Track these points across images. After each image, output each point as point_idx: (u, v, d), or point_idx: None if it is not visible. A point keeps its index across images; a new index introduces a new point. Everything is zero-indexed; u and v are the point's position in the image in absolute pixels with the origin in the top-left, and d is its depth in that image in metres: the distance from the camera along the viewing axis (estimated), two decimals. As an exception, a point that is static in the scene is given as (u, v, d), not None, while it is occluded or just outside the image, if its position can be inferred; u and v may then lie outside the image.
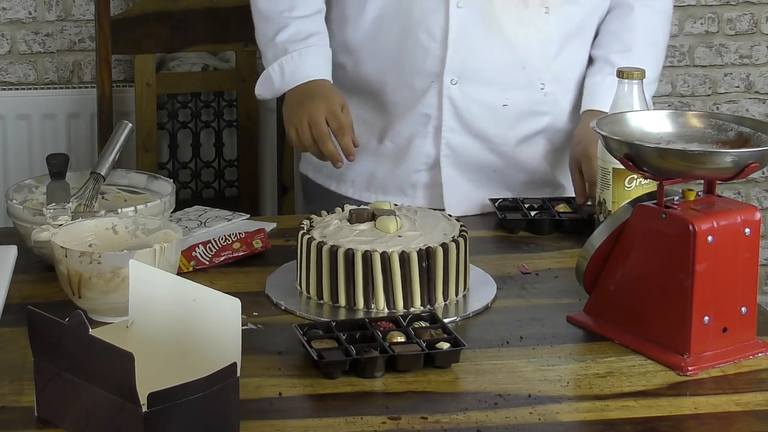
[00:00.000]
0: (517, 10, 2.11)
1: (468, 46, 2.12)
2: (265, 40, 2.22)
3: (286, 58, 2.17)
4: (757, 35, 3.26)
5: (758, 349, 1.59)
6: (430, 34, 2.13)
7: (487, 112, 2.16)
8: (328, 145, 2.08)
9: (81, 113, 2.97)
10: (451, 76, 2.13)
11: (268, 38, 2.21)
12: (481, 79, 2.14)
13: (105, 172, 1.96)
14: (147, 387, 1.28)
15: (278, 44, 2.19)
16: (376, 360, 1.51)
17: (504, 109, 2.16)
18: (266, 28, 2.22)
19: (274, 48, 2.20)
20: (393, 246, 1.70)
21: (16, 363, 1.54)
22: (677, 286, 1.55)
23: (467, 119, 2.16)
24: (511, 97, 2.16)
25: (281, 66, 2.18)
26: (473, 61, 2.13)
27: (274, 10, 2.21)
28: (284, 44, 2.19)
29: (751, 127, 1.65)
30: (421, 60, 2.14)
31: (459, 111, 2.15)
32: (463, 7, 2.10)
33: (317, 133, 2.08)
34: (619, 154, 1.61)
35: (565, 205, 2.07)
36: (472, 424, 1.41)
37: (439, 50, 2.13)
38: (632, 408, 1.46)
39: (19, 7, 2.98)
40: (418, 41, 2.14)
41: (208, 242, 1.86)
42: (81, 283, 1.64)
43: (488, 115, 2.16)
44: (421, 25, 2.13)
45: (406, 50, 2.15)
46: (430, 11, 2.12)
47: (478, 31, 2.11)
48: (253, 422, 1.40)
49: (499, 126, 2.17)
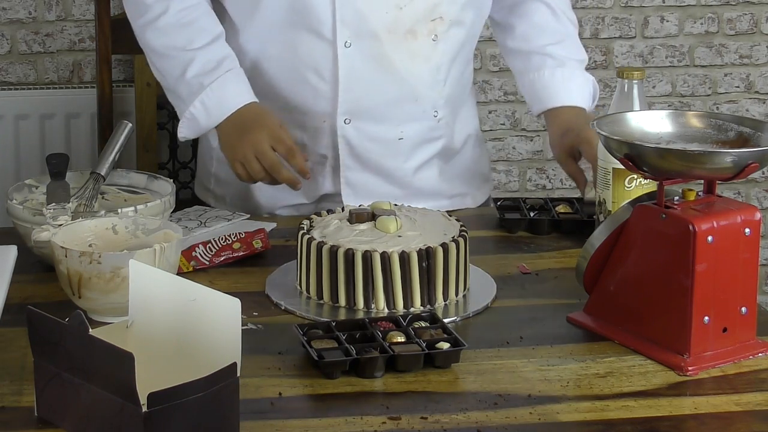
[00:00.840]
0: (407, 43, 2.06)
1: (360, 85, 2.07)
2: (172, 80, 2.08)
3: (206, 93, 2.04)
4: (757, 35, 3.26)
5: (758, 349, 1.59)
6: (320, 75, 2.07)
7: (383, 147, 2.13)
8: (283, 173, 2.00)
9: (81, 113, 2.97)
10: (344, 116, 2.09)
11: (176, 77, 2.07)
12: (375, 116, 2.10)
13: (105, 172, 1.96)
14: (147, 387, 1.28)
15: (190, 81, 2.05)
16: (376, 360, 1.51)
17: (400, 142, 2.13)
18: (170, 66, 2.08)
19: (187, 85, 2.06)
20: (393, 246, 1.70)
21: (16, 363, 1.54)
22: (677, 286, 1.55)
23: (364, 156, 2.13)
24: (406, 130, 2.13)
25: (203, 103, 2.05)
26: (366, 100, 2.08)
27: (174, 47, 2.07)
28: (197, 79, 2.05)
29: (751, 127, 1.65)
30: (312, 101, 2.09)
31: (355, 149, 2.12)
32: (351, 46, 2.04)
33: (268, 163, 1.99)
34: (619, 154, 1.61)
35: (565, 206, 2.07)
36: (472, 424, 1.41)
37: (330, 91, 2.08)
38: (632, 408, 1.46)
39: (19, 7, 2.98)
40: (307, 83, 2.08)
41: (208, 242, 1.86)
42: (81, 283, 1.64)
43: (385, 150, 2.13)
44: (308, 66, 2.07)
45: (295, 92, 2.10)
46: (317, 52, 2.06)
47: (368, 70, 2.06)
48: (253, 422, 1.40)
49: (396, 159, 2.15)
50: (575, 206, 2.07)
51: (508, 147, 3.23)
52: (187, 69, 2.05)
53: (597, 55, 3.20)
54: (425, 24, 2.06)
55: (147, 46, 2.10)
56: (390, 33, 2.05)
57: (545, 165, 3.25)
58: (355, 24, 2.03)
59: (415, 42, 2.07)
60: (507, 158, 3.23)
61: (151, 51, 2.10)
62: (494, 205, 2.10)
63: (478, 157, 2.29)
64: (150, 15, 2.08)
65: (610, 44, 3.21)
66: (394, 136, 2.13)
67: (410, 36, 2.06)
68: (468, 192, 2.25)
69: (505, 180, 3.24)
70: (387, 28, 2.04)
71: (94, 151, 2.89)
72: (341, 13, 2.02)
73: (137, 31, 2.11)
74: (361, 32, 2.03)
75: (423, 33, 2.07)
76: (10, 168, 2.95)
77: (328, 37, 2.04)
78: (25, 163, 2.95)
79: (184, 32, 2.07)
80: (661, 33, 3.22)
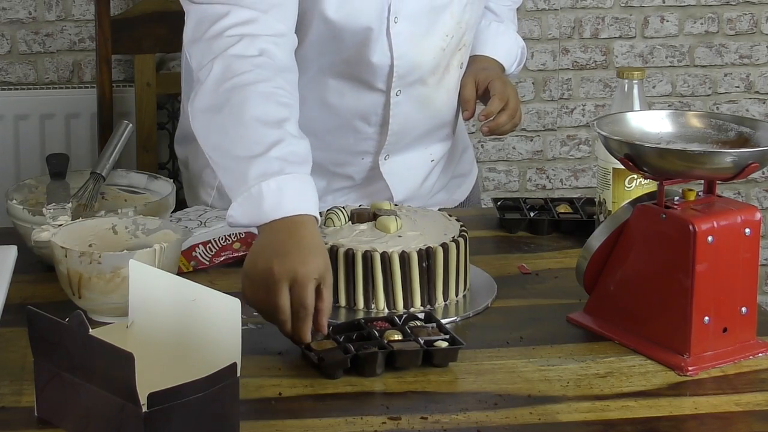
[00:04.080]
0: (444, 79, 2.08)
1: (404, 127, 2.08)
2: (248, 150, 1.67)
3: (288, 177, 1.65)
4: (757, 35, 3.26)
5: (758, 349, 1.59)
6: (367, 121, 2.06)
7: (417, 173, 2.16)
8: (306, 324, 1.56)
9: (81, 113, 2.97)
10: (385, 154, 2.10)
11: (255, 151, 1.67)
12: (410, 146, 2.12)
13: (105, 172, 1.96)
14: (147, 387, 1.28)
15: (272, 160, 1.66)
16: (375, 355, 1.51)
17: (432, 163, 2.17)
18: (253, 137, 1.68)
19: (267, 163, 1.65)
20: (393, 246, 1.70)
21: (16, 363, 1.54)
22: (677, 286, 1.55)
23: (401, 185, 2.14)
24: (434, 152, 2.16)
25: (279, 186, 1.63)
26: (407, 137, 2.10)
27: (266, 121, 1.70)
28: (280, 163, 1.66)
29: (751, 127, 1.65)
30: (353, 143, 2.08)
31: (393, 180, 2.13)
32: (401, 94, 2.04)
33: (300, 301, 1.55)
34: (619, 154, 1.61)
35: (565, 206, 2.07)
36: (472, 424, 1.41)
37: (375, 134, 2.07)
38: (632, 408, 1.46)
39: (19, 7, 2.98)
40: (352, 128, 2.07)
41: (208, 242, 1.86)
42: (81, 283, 1.64)
43: (417, 175, 2.16)
44: (356, 114, 2.05)
45: (338, 135, 2.07)
46: (367, 102, 2.04)
47: (413, 111, 2.07)
48: (253, 422, 1.40)
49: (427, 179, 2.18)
50: (575, 206, 2.07)
51: (508, 147, 3.22)
52: (273, 147, 1.67)
53: (597, 55, 3.20)
54: (455, 56, 2.09)
55: (233, 108, 1.72)
56: (434, 75, 2.07)
57: (545, 165, 3.25)
58: (408, 74, 2.03)
59: (449, 75, 2.09)
60: (507, 158, 3.23)
61: (237, 115, 1.71)
62: (494, 205, 2.10)
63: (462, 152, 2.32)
64: (250, 76, 1.74)
65: (610, 44, 3.21)
66: (427, 160, 2.16)
67: (446, 72, 2.08)
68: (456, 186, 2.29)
69: (505, 180, 3.24)
70: (432, 71, 2.06)
71: (94, 151, 2.89)
72: (398, 68, 2.01)
73: (223, 95, 1.74)
74: (411, 80, 2.04)
75: (454, 65, 2.09)
76: (10, 168, 2.95)
77: (381, 88, 2.03)
78: (25, 163, 2.95)
79: (283, 109, 1.73)
80: (661, 33, 3.22)
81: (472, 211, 2.21)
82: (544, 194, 3.23)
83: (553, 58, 3.18)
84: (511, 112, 2.07)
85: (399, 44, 1.99)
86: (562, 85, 3.20)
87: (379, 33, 1.97)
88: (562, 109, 3.22)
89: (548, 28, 3.17)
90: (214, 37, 1.79)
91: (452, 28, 2.04)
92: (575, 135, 3.24)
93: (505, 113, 2.06)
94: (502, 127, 2.08)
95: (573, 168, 3.25)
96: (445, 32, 2.04)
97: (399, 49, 1.99)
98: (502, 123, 2.07)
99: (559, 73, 3.20)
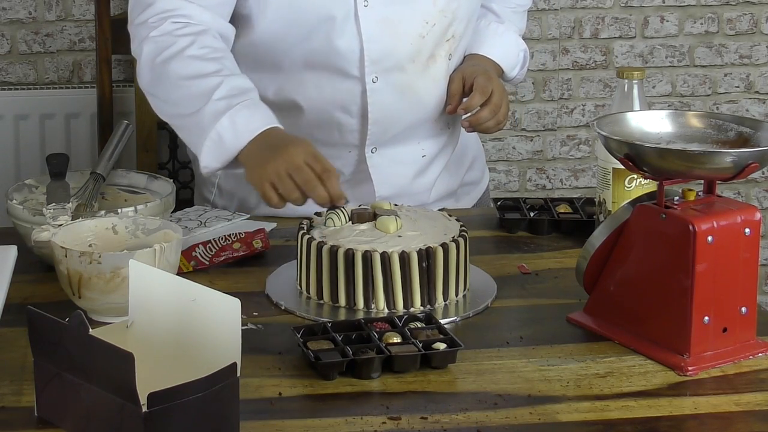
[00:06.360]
0: (428, 68, 2.07)
1: (387, 117, 2.07)
2: (193, 107, 1.89)
3: (235, 110, 1.86)
4: (757, 35, 3.26)
5: (758, 349, 1.59)
6: (347, 112, 2.07)
7: (408, 167, 2.15)
8: (319, 190, 1.77)
9: (81, 113, 2.97)
10: (371, 147, 2.10)
11: (200, 103, 1.88)
12: (399, 140, 2.12)
13: (105, 172, 1.96)
14: (147, 387, 1.28)
15: (217, 102, 1.86)
16: (372, 361, 1.51)
17: (423, 159, 2.16)
18: (194, 92, 1.90)
19: (213, 107, 1.86)
20: (393, 246, 1.70)
21: (16, 363, 1.54)
22: (677, 286, 1.55)
23: (392, 180, 2.14)
24: (426, 147, 2.16)
25: (231, 120, 1.85)
26: (392, 128, 2.09)
27: (199, 74, 1.91)
28: (225, 100, 1.87)
29: (751, 127, 1.65)
30: (338, 136, 2.09)
31: (382, 173, 2.13)
32: (378, 81, 2.04)
33: (303, 178, 1.77)
34: (619, 154, 1.61)
35: (565, 206, 2.07)
36: (472, 424, 1.41)
37: (357, 125, 2.08)
38: (632, 408, 1.46)
39: (19, 7, 2.98)
40: (334, 120, 2.07)
41: (208, 242, 1.86)
42: (81, 283, 1.64)
43: (409, 170, 2.16)
44: (335, 105, 2.06)
45: (321, 129, 2.08)
46: (344, 91, 2.04)
47: (394, 101, 2.07)
48: (253, 422, 1.40)
49: (421, 175, 2.18)
50: (575, 206, 2.07)
51: (508, 147, 3.23)
52: (214, 92, 1.88)
53: (597, 55, 3.20)
54: (442, 46, 2.08)
55: (169, 77, 1.93)
56: (414, 62, 2.06)
57: (545, 165, 3.25)
58: (382, 59, 2.03)
59: (434, 66, 2.09)
60: (507, 158, 3.23)
61: (174, 81, 1.93)
62: (494, 205, 2.10)
63: (473, 160, 2.31)
64: (175, 47, 1.94)
65: (610, 44, 3.21)
66: (418, 155, 2.15)
67: (431, 61, 2.08)
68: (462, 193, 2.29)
69: (505, 180, 3.24)
70: (411, 58, 2.05)
71: (94, 151, 2.89)
72: (369, 52, 2.02)
73: (158, 69, 1.95)
74: (387, 66, 2.04)
75: (441, 55, 2.09)
76: (10, 168, 2.95)
77: (356, 75, 2.03)
78: (25, 163, 2.95)
79: (212, 62, 1.94)
80: (661, 33, 3.22)
81: (472, 211, 2.21)
82: (544, 194, 3.23)
83: (553, 58, 3.18)
84: (493, 107, 2.06)
85: (368, 28, 2.00)
86: (562, 85, 3.20)
87: (347, 17, 1.98)
88: (562, 109, 3.22)
89: (548, 28, 3.17)
90: (141, 23, 1.99)
91: (434, 16, 2.04)
92: (575, 135, 3.24)
93: (487, 108, 2.05)
94: (485, 122, 2.06)
95: (573, 168, 3.25)
96: (425, 19, 2.04)
97: (368, 32, 2.00)
98: (484, 118, 2.06)
99: (559, 73, 3.20)
